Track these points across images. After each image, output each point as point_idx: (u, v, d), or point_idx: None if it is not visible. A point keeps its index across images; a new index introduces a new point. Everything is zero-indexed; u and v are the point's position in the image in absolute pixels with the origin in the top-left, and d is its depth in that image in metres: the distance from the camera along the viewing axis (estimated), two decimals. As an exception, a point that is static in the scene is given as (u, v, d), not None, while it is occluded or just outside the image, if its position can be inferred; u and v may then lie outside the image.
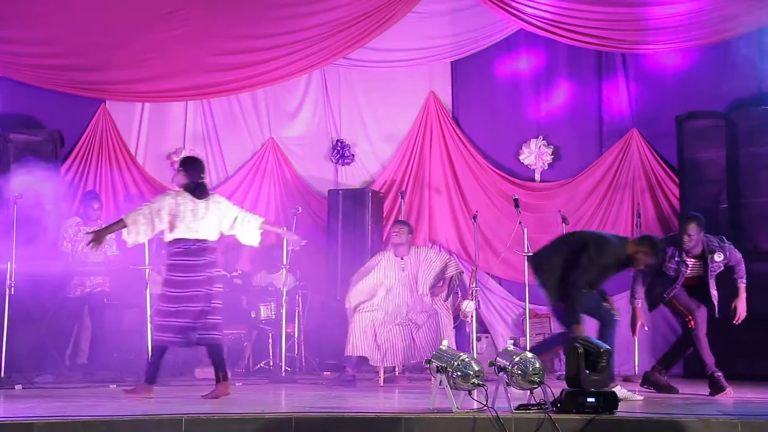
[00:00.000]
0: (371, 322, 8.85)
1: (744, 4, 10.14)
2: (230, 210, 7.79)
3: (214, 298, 7.63)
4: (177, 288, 7.54)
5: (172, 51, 11.03)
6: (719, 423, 5.82)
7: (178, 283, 7.55)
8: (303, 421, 5.86)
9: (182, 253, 7.57)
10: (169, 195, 7.74)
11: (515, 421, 5.88)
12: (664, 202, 10.79)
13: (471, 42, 11.45)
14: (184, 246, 7.56)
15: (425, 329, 8.81)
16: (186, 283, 7.53)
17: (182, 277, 7.55)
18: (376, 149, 11.73)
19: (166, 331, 7.56)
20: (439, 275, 9.14)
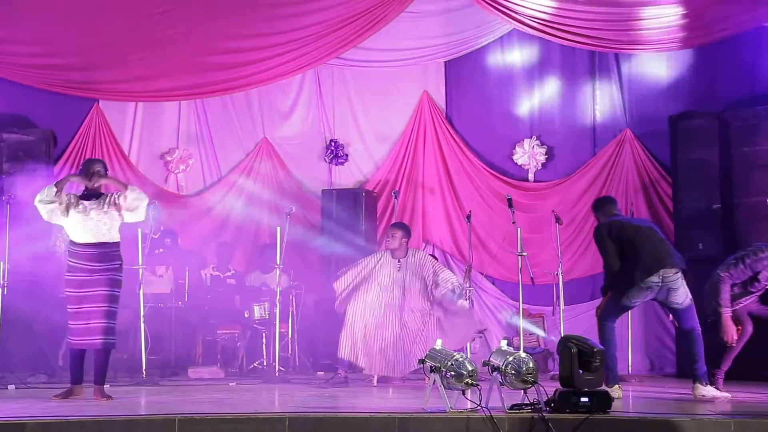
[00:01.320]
0: (364, 326, 8.82)
1: (737, 5, 10.16)
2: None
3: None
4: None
5: (166, 51, 11.03)
6: (712, 423, 5.83)
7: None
8: (296, 421, 5.86)
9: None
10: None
11: (509, 421, 5.88)
12: (657, 202, 10.81)
13: (464, 42, 11.45)
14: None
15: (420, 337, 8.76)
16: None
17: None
18: (370, 149, 11.73)
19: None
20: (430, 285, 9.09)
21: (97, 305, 7.34)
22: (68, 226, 7.44)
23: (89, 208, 7.40)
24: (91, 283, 7.36)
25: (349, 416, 6.05)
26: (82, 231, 7.39)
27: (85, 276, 7.37)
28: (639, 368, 10.24)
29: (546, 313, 10.64)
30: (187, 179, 11.76)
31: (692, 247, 10.03)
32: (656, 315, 10.71)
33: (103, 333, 7.33)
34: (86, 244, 7.39)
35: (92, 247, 7.38)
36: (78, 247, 7.41)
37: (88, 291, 7.36)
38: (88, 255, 7.37)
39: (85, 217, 7.38)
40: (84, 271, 7.36)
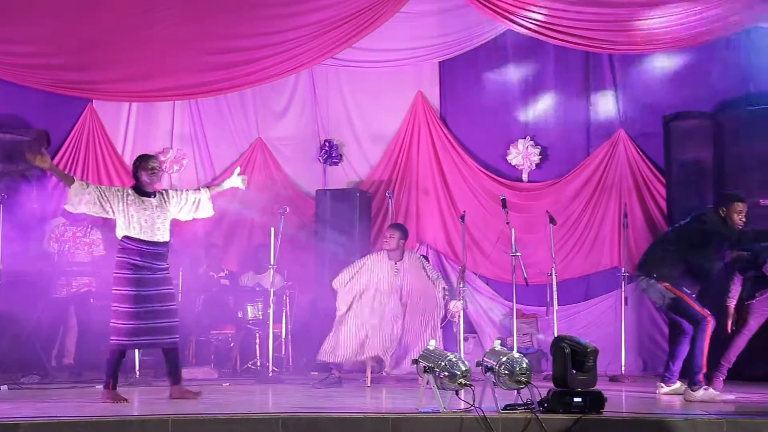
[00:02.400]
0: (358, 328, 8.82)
1: (730, 6, 10.17)
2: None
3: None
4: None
5: (160, 50, 11.01)
6: (705, 422, 5.84)
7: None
8: (290, 422, 5.86)
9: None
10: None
11: (502, 421, 5.88)
12: (651, 203, 10.82)
13: (459, 42, 11.45)
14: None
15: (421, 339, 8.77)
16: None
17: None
18: (364, 149, 11.73)
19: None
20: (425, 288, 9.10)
21: (165, 304, 7.35)
22: (126, 221, 7.35)
23: (152, 204, 7.41)
24: (157, 281, 7.35)
25: (342, 416, 6.05)
26: (146, 227, 7.35)
27: (149, 274, 7.33)
28: (632, 368, 10.25)
29: (539, 314, 10.64)
30: (181, 179, 11.75)
31: (686, 247, 10.03)
32: (650, 315, 10.73)
33: (175, 332, 7.40)
34: (153, 242, 7.37)
35: (160, 246, 7.40)
36: (142, 244, 7.34)
37: (153, 290, 7.33)
38: (155, 254, 7.36)
39: (149, 214, 7.37)
40: (149, 270, 7.33)
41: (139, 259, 7.31)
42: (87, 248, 10.07)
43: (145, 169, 7.46)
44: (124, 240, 7.35)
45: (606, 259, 10.93)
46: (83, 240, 10.08)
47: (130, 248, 7.31)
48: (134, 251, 7.31)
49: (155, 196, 7.49)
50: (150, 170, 7.46)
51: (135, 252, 7.31)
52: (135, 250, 7.31)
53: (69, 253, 9.92)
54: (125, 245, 7.33)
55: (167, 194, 7.59)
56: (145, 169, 7.46)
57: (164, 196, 7.55)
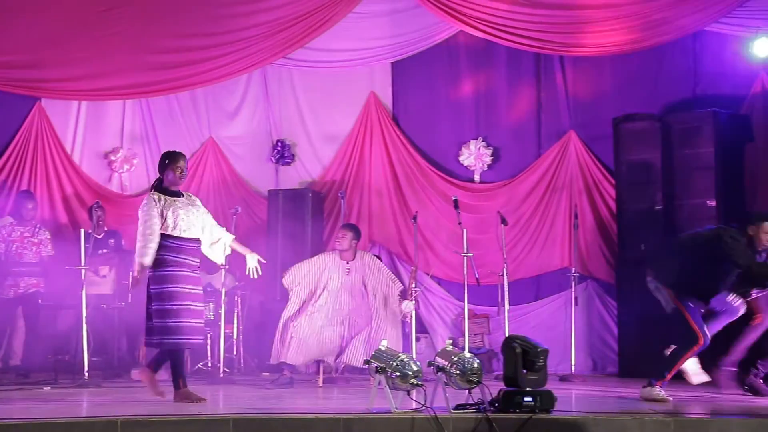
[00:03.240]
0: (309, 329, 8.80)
1: (679, 9, 10.31)
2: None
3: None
4: None
5: (110, 49, 10.93)
6: (653, 421, 5.91)
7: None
8: (241, 422, 5.83)
9: None
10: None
11: (453, 421, 5.90)
12: (601, 203, 10.91)
13: (411, 43, 11.47)
14: None
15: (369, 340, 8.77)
16: None
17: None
18: (317, 149, 11.71)
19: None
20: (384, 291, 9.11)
21: (199, 304, 7.30)
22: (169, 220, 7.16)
23: (184, 203, 7.30)
24: (194, 280, 7.26)
25: (294, 417, 6.04)
26: (186, 225, 7.22)
27: (188, 272, 7.21)
28: (582, 368, 10.34)
29: (491, 314, 10.69)
30: (131, 179, 11.65)
31: (635, 247, 10.15)
32: (599, 315, 10.83)
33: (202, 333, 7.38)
34: (190, 239, 7.26)
35: (195, 243, 7.31)
36: (182, 242, 7.20)
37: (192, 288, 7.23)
38: (193, 251, 7.28)
39: (186, 212, 7.25)
40: (190, 267, 7.22)
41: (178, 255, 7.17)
42: (35, 248, 9.95)
43: (173, 169, 7.30)
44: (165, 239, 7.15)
45: (557, 260, 11.00)
46: (31, 240, 9.96)
47: (169, 246, 7.13)
48: (173, 249, 7.15)
49: (183, 196, 7.35)
50: (180, 170, 7.31)
51: (174, 249, 7.15)
52: (174, 247, 7.15)
53: (16, 254, 9.80)
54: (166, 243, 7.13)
55: (191, 196, 7.46)
56: (173, 169, 7.30)
57: (191, 198, 7.44)
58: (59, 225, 11.11)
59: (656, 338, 9.72)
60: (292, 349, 8.69)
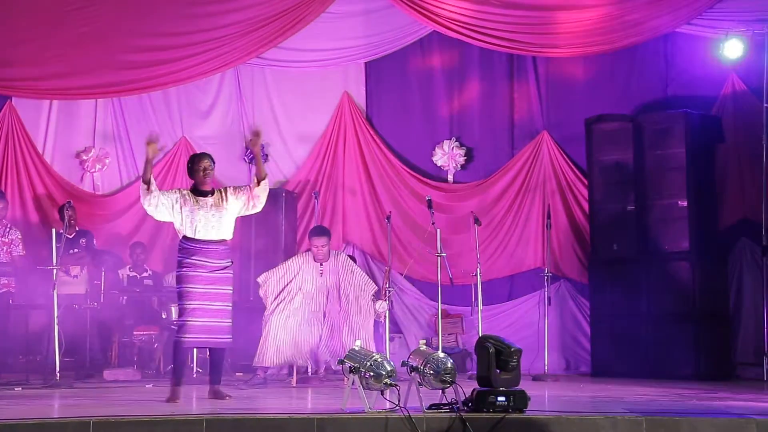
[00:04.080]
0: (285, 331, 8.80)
1: (650, 11, 10.38)
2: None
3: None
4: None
5: (81, 48, 10.88)
6: (625, 420, 5.94)
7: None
8: (214, 423, 5.81)
9: None
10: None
11: (427, 421, 5.90)
12: (574, 204, 10.97)
13: (385, 43, 11.48)
14: None
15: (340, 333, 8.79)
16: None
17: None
18: (290, 149, 11.69)
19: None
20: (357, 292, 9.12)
21: (224, 303, 7.37)
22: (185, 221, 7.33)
23: (207, 203, 7.36)
24: (213, 280, 7.34)
25: (267, 417, 6.02)
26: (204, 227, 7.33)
27: (205, 272, 7.31)
28: (555, 367, 10.39)
29: (464, 313, 10.71)
30: (103, 178, 11.58)
31: (607, 247, 10.22)
32: (572, 315, 10.89)
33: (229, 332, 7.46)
34: (208, 240, 7.36)
35: (216, 244, 7.39)
36: (199, 243, 7.33)
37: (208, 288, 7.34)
38: (212, 252, 7.34)
39: (208, 213, 7.34)
40: (207, 268, 7.31)
41: (194, 257, 7.31)
42: (6, 248, 9.87)
43: (197, 171, 7.42)
44: (182, 240, 7.37)
45: (530, 260, 11.05)
46: (2, 240, 9.89)
47: (185, 248, 7.32)
48: (189, 250, 7.31)
49: (212, 195, 7.43)
50: (202, 171, 7.41)
51: (190, 251, 7.31)
52: (189, 249, 7.31)
53: (5, 253, 9.73)
54: (182, 245, 7.35)
55: (225, 192, 7.50)
56: (197, 171, 7.42)
57: (223, 194, 7.47)
58: (30, 225, 11.03)
59: (628, 338, 9.83)
60: (269, 353, 8.71)
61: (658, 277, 9.84)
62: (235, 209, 7.52)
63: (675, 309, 9.68)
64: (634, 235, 10.07)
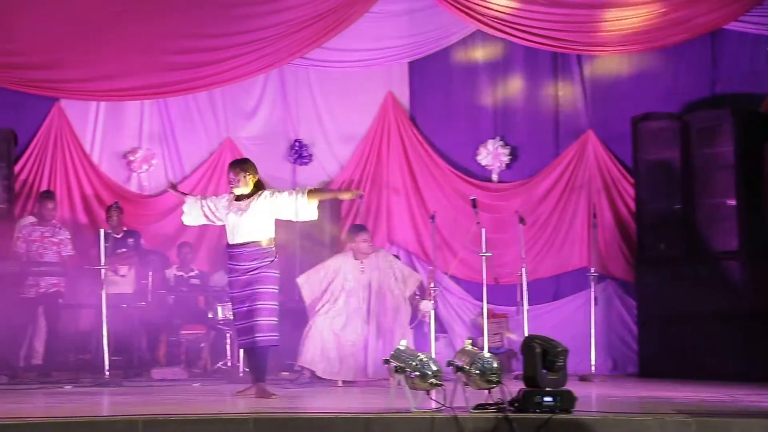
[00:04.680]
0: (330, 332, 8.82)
1: (697, 8, 10.28)
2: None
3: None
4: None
5: (128, 49, 10.97)
6: (674, 422, 5.88)
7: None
8: (261, 422, 5.83)
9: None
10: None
11: (473, 421, 5.89)
12: (620, 203, 10.90)
13: (429, 42, 11.47)
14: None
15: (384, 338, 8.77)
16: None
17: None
18: (334, 149, 11.72)
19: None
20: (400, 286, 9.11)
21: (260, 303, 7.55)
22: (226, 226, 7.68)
23: (240, 207, 7.60)
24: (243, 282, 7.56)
25: (313, 416, 6.04)
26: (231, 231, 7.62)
27: (238, 276, 7.57)
28: (602, 368, 10.31)
29: (510, 313, 10.68)
30: (150, 179, 11.67)
31: (654, 247, 10.13)
32: (619, 315, 10.81)
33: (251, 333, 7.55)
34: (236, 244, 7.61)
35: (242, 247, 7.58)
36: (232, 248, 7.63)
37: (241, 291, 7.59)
38: (242, 255, 7.58)
39: (237, 217, 7.58)
40: (240, 272, 7.56)
41: (229, 262, 7.65)
42: (55, 248, 9.99)
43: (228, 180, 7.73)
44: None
45: (575, 259, 10.99)
46: (51, 240, 10.01)
47: (228, 254, 7.68)
48: (228, 256, 7.68)
49: (245, 199, 7.63)
50: (229, 182, 7.68)
51: (228, 257, 7.67)
52: (228, 255, 7.67)
53: (37, 254, 9.85)
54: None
55: (259, 196, 7.63)
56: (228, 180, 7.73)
57: (256, 198, 7.62)
58: (79, 225, 11.15)
59: (676, 338, 9.74)
60: (315, 354, 8.74)
61: (706, 276, 9.73)
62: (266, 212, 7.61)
63: (724, 309, 9.57)
64: (682, 234, 9.97)
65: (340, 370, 8.81)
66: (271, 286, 7.65)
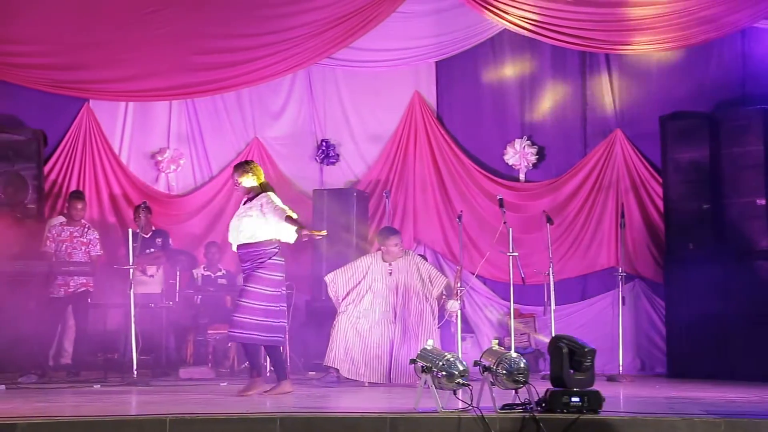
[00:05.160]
0: (355, 333, 8.82)
1: (727, 6, 10.19)
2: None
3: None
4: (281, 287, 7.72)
5: (156, 50, 11.03)
6: (702, 422, 5.84)
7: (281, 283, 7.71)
8: (288, 421, 5.85)
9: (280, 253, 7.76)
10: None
11: (500, 421, 5.88)
12: (648, 202, 10.83)
13: (455, 42, 11.45)
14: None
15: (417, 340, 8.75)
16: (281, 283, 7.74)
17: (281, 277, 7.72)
18: (361, 149, 11.73)
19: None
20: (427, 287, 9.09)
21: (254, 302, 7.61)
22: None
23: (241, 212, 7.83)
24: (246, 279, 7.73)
25: (340, 416, 6.05)
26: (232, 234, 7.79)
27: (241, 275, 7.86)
28: (630, 368, 10.25)
29: (537, 313, 10.65)
30: (177, 179, 11.75)
31: (683, 246, 10.06)
32: (647, 315, 10.74)
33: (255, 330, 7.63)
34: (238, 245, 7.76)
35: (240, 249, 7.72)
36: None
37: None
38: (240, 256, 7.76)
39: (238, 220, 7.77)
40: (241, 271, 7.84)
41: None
42: (84, 248, 10.05)
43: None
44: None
45: (603, 259, 10.94)
46: (80, 240, 10.07)
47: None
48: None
49: (247, 203, 7.82)
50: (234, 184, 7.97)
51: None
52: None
53: (66, 253, 9.91)
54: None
55: (255, 199, 7.75)
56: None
57: (252, 202, 7.75)
58: (107, 225, 11.23)
59: (705, 338, 9.66)
60: (339, 354, 8.74)
61: (735, 276, 9.65)
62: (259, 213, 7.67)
63: (753, 309, 9.48)
64: (711, 233, 9.90)
65: (364, 371, 8.81)
66: (259, 286, 7.60)
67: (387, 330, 8.87)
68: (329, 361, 8.83)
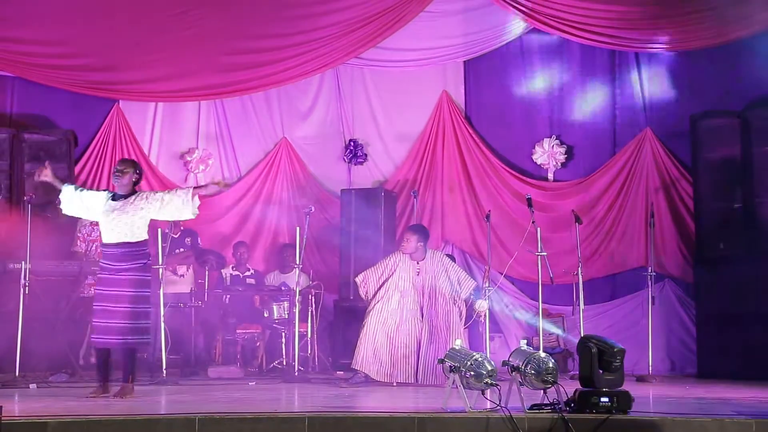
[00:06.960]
0: (383, 334, 8.82)
1: (757, 4, 10.10)
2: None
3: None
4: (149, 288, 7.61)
5: (185, 51, 11.07)
6: (733, 423, 5.81)
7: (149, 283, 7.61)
8: (316, 421, 5.86)
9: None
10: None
11: (528, 421, 5.87)
12: (678, 202, 10.77)
13: (483, 41, 11.43)
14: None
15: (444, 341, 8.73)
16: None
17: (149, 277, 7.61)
18: (389, 149, 11.73)
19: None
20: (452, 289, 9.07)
21: (121, 305, 7.40)
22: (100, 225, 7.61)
23: (115, 207, 7.49)
24: (115, 282, 7.42)
25: (368, 416, 6.05)
26: (105, 230, 7.51)
27: (106, 275, 7.45)
28: (660, 368, 10.19)
29: (566, 313, 10.60)
30: (206, 179, 11.78)
31: (713, 246, 9.99)
32: (677, 315, 10.68)
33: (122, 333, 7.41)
34: (107, 243, 7.51)
35: (115, 247, 7.47)
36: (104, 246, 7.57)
37: (107, 290, 7.45)
38: (113, 255, 7.47)
39: (112, 217, 7.47)
40: (109, 271, 7.44)
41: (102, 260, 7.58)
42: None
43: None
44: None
45: (632, 259, 10.88)
46: (110, 240, 10.11)
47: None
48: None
49: (120, 200, 7.53)
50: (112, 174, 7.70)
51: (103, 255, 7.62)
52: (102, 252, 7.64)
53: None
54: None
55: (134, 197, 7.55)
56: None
57: (129, 199, 7.53)
58: (137, 225, 11.26)
59: (735, 338, 9.59)
60: (367, 355, 8.74)
61: (766, 276, 9.57)
62: (145, 212, 7.50)
63: (784, 309, 9.41)
64: (742, 233, 9.82)
65: (392, 372, 8.80)
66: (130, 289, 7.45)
67: (414, 329, 8.85)
68: (357, 364, 8.81)
